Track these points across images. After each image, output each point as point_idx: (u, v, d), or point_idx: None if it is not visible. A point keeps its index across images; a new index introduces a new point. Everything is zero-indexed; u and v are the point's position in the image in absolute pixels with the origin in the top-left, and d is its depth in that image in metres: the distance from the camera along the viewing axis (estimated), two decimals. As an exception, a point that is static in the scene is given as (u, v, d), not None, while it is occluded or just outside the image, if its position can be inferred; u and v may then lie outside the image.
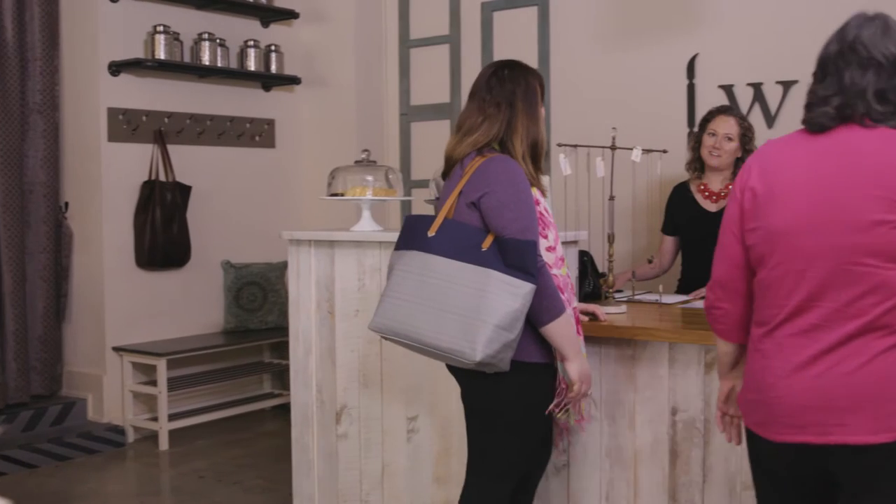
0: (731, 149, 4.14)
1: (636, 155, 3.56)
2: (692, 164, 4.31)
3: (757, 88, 5.01)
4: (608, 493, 3.26)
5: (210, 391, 6.07)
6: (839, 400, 2.04)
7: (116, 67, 5.63)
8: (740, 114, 4.35)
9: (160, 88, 5.88)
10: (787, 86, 4.90)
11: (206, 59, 5.98)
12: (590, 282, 3.73)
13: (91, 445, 5.43)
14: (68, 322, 5.83)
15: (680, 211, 4.32)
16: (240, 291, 6.19)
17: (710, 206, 4.20)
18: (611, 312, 3.34)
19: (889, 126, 2.08)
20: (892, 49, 2.10)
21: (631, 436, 3.21)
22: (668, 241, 4.42)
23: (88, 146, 5.67)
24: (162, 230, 5.77)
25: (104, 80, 5.62)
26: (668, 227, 4.41)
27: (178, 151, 5.95)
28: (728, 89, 5.09)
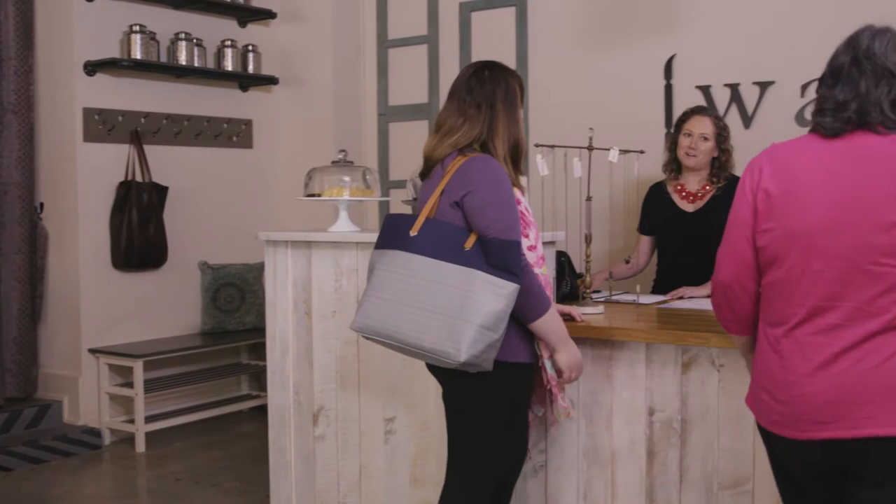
0: (707, 149, 4.15)
1: (613, 155, 3.56)
2: (669, 165, 4.32)
3: (734, 89, 5.02)
4: (586, 493, 3.26)
5: (187, 393, 6.04)
6: (865, 395, 2.10)
7: (92, 67, 5.59)
8: (715, 114, 4.37)
9: (136, 88, 5.85)
10: (763, 86, 4.92)
11: (182, 59, 5.95)
12: (567, 282, 3.73)
13: (67, 448, 5.38)
14: (44, 324, 5.79)
15: (656, 211, 4.33)
16: (217, 292, 6.16)
17: (687, 207, 4.21)
18: (588, 313, 3.34)
19: None
20: None
21: (608, 436, 3.21)
22: (644, 241, 4.43)
23: (64, 146, 5.63)
24: (138, 231, 5.73)
25: (80, 79, 5.58)
26: (644, 226, 4.42)
27: (155, 152, 5.91)
28: (705, 90, 5.11)
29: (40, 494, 4.76)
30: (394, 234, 2.79)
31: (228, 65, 6.24)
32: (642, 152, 3.87)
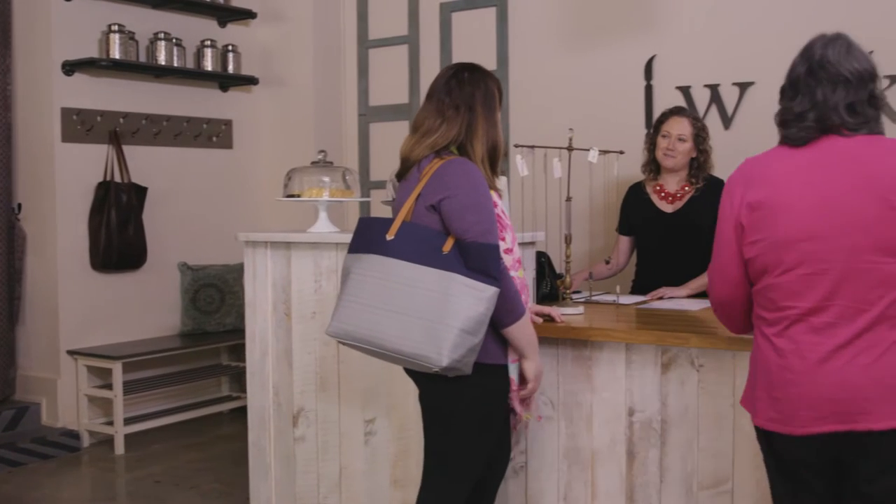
0: (684, 149, 4.16)
1: (593, 156, 3.57)
2: (647, 166, 4.33)
3: (714, 90, 5.04)
4: (566, 493, 3.26)
5: (167, 394, 6.01)
6: (860, 391, 2.18)
7: (70, 67, 5.56)
8: (693, 114, 4.37)
9: (115, 88, 5.81)
10: (743, 87, 4.94)
11: (162, 59, 5.92)
12: (547, 283, 3.74)
13: (45, 450, 5.34)
14: (22, 325, 5.74)
15: (635, 212, 4.34)
16: (197, 293, 6.13)
17: (667, 207, 4.22)
18: (568, 313, 3.35)
19: (863, 134, 2.27)
20: (856, 66, 2.29)
21: (588, 437, 3.21)
22: (624, 241, 4.43)
23: (42, 147, 5.59)
24: (117, 232, 5.69)
25: (58, 79, 5.54)
26: (623, 227, 4.43)
27: (134, 152, 5.88)
28: (685, 90, 5.12)
29: (18, 497, 4.72)
30: (369, 237, 2.77)
31: (208, 65, 6.22)
32: (622, 153, 3.88)
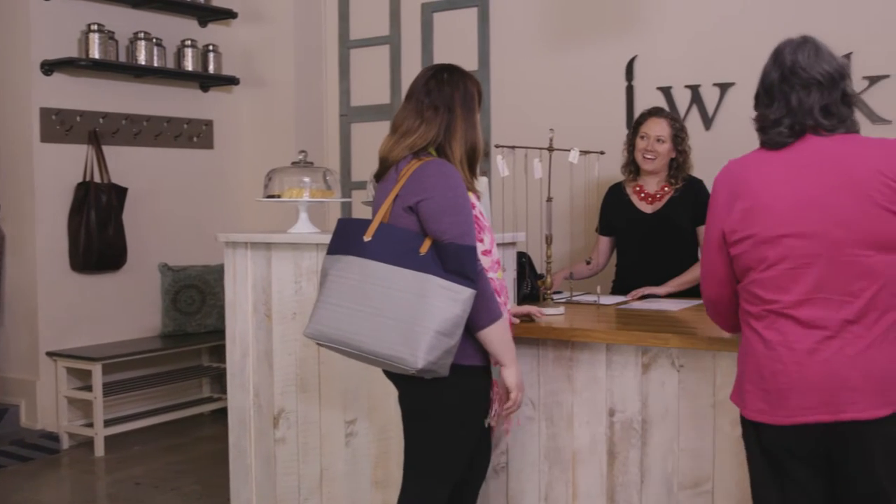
0: (663, 150, 4.16)
1: (573, 156, 3.57)
2: (627, 167, 4.34)
3: (695, 90, 5.05)
4: (547, 494, 3.26)
5: (147, 396, 5.98)
6: (847, 381, 2.24)
7: (49, 67, 5.52)
8: (672, 115, 4.37)
9: (95, 88, 5.78)
10: (724, 88, 4.95)
11: (142, 59, 5.89)
12: (528, 283, 3.73)
13: (24, 453, 5.31)
14: (0, 326, 5.70)
15: (615, 213, 4.34)
16: (177, 294, 6.10)
17: (646, 208, 4.22)
18: (549, 314, 3.34)
19: (841, 133, 2.34)
20: (826, 68, 2.36)
21: (569, 437, 3.22)
22: (604, 242, 4.43)
23: (20, 147, 5.55)
24: (97, 232, 5.66)
25: (36, 79, 5.50)
26: (603, 227, 4.43)
27: (114, 152, 5.85)
28: (666, 91, 5.13)
29: (-4, 500, 4.70)
30: (347, 239, 2.76)
31: (189, 65, 6.19)
32: (602, 153, 3.89)
